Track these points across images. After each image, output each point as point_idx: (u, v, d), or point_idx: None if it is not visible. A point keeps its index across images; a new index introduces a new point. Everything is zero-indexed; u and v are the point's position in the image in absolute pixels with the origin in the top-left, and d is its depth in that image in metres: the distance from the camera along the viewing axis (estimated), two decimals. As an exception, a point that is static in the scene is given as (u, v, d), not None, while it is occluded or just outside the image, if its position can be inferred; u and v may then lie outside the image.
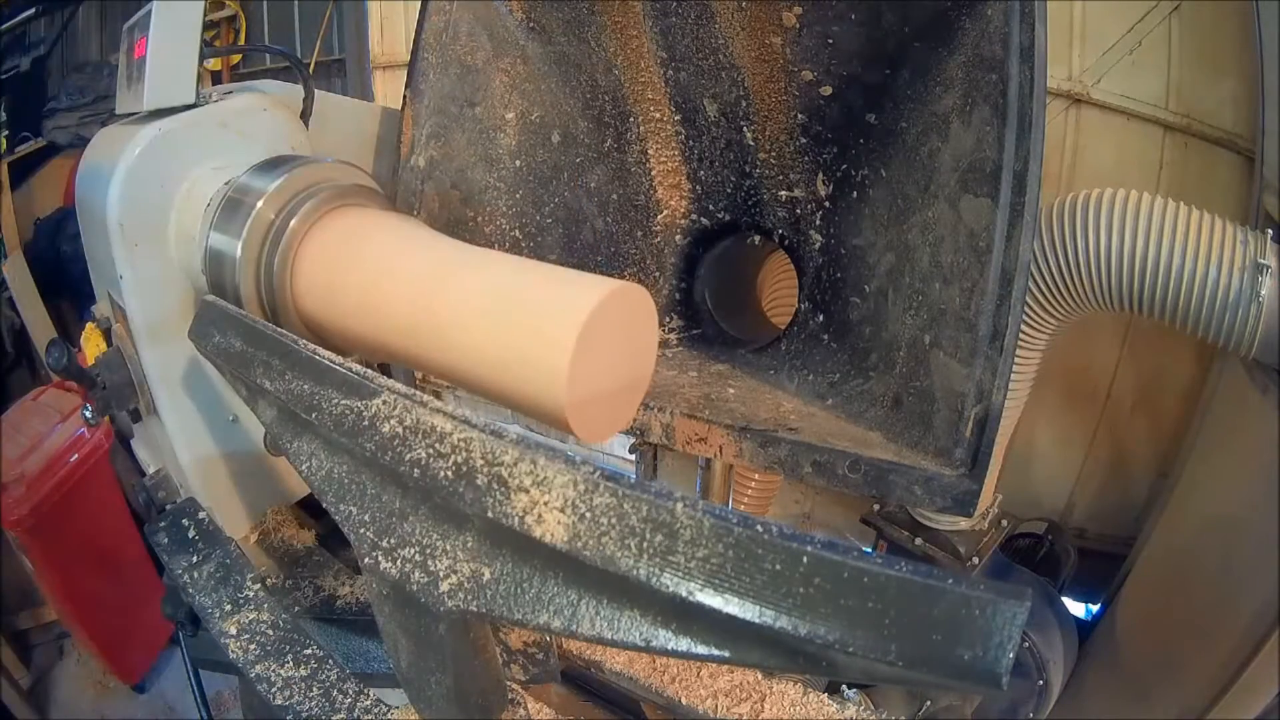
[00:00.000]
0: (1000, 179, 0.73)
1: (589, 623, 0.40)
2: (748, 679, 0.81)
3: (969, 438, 0.76)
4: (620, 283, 0.55)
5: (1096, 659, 1.77)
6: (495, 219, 1.04)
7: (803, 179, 1.04)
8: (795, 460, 0.81)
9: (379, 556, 0.51)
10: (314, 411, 0.54)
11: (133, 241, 0.85)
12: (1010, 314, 0.73)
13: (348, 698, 0.72)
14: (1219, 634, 1.38)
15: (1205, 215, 1.29)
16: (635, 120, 1.10)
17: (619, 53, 1.04)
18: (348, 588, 0.97)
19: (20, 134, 3.59)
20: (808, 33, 0.90)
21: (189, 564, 0.88)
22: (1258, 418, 1.38)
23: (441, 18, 0.98)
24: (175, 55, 0.88)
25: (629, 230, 1.15)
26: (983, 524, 1.66)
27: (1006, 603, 0.30)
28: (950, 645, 0.30)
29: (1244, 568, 1.35)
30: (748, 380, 1.01)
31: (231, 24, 3.59)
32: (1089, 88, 1.84)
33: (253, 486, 1.04)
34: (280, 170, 0.82)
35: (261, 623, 0.80)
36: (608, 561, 0.36)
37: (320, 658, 0.76)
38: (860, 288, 0.94)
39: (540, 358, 0.53)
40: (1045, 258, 1.36)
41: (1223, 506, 1.54)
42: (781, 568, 0.33)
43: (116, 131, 0.93)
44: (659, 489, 0.36)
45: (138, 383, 0.94)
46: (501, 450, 0.41)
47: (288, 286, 0.79)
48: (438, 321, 0.62)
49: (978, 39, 0.75)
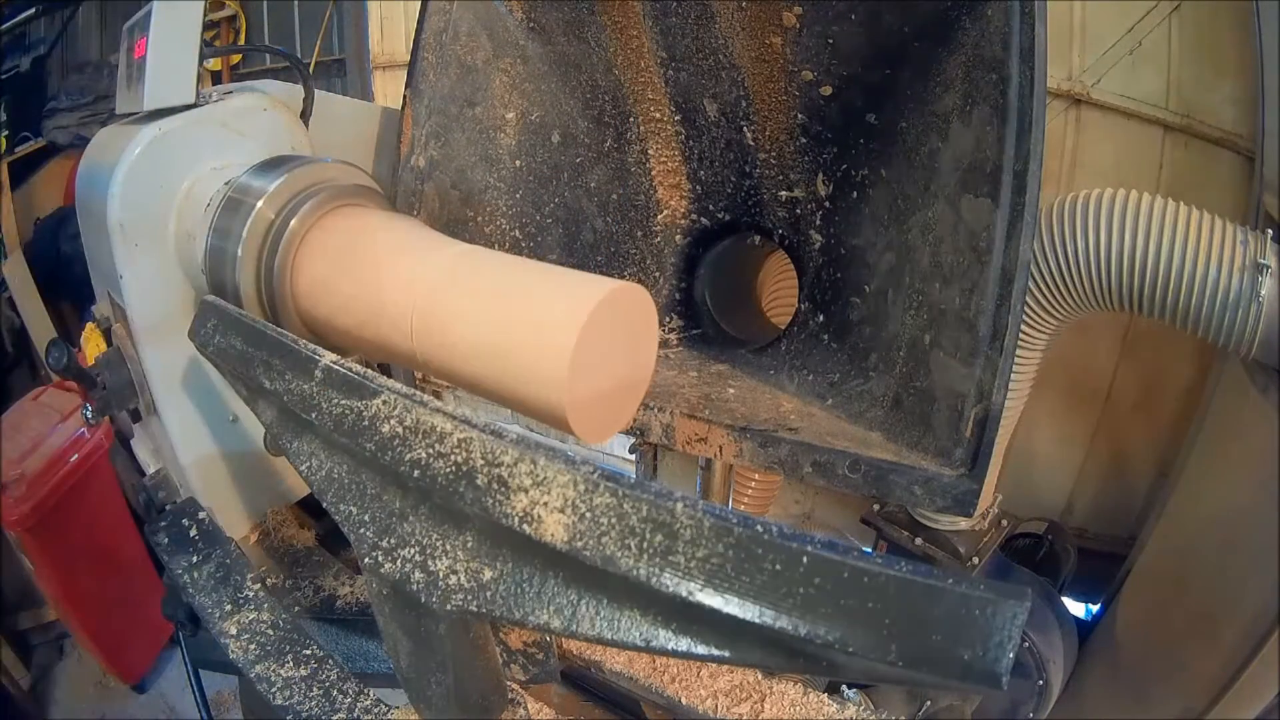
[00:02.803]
0: (1000, 179, 0.73)
1: (589, 623, 0.40)
2: (748, 679, 0.81)
3: (969, 438, 0.75)
4: (621, 283, 0.55)
5: (1096, 659, 1.77)
6: (495, 219, 1.04)
7: (803, 179, 1.04)
8: (795, 460, 0.81)
9: (379, 556, 0.51)
10: (314, 411, 0.54)
11: (133, 241, 0.85)
12: (1010, 314, 0.73)
13: (348, 698, 0.72)
14: (1219, 634, 1.38)
15: (1205, 215, 1.29)
16: (635, 120, 1.10)
17: (619, 53, 1.04)
18: (348, 588, 0.97)
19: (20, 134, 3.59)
20: (808, 33, 0.90)
21: (189, 564, 0.88)
22: (1258, 418, 1.38)
23: (441, 18, 0.98)
24: (175, 55, 0.88)
25: (629, 230, 1.15)
26: (983, 524, 1.66)
27: (1006, 603, 0.30)
28: (950, 645, 0.30)
29: (1244, 568, 1.35)
30: (748, 380, 1.01)
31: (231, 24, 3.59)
32: (1089, 88, 1.84)
33: (253, 486, 1.04)
34: (280, 170, 0.82)
35: (261, 623, 0.80)
36: (608, 561, 0.36)
37: (320, 658, 0.76)
38: (860, 288, 0.94)
39: (541, 357, 0.53)
40: (1045, 258, 1.36)
41: (1223, 506, 1.53)
42: (781, 568, 0.33)
43: (116, 131, 0.93)
44: (659, 489, 0.36)
45: (138, 383, 0.94)
46: (501, 450, 0.41)
47: (288, 286, 0.79)
48: (438, 322, 0.62)
49: (978, 39, 0.75)
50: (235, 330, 0.65)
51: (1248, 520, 1.38)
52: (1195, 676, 1.42)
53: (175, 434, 0.95)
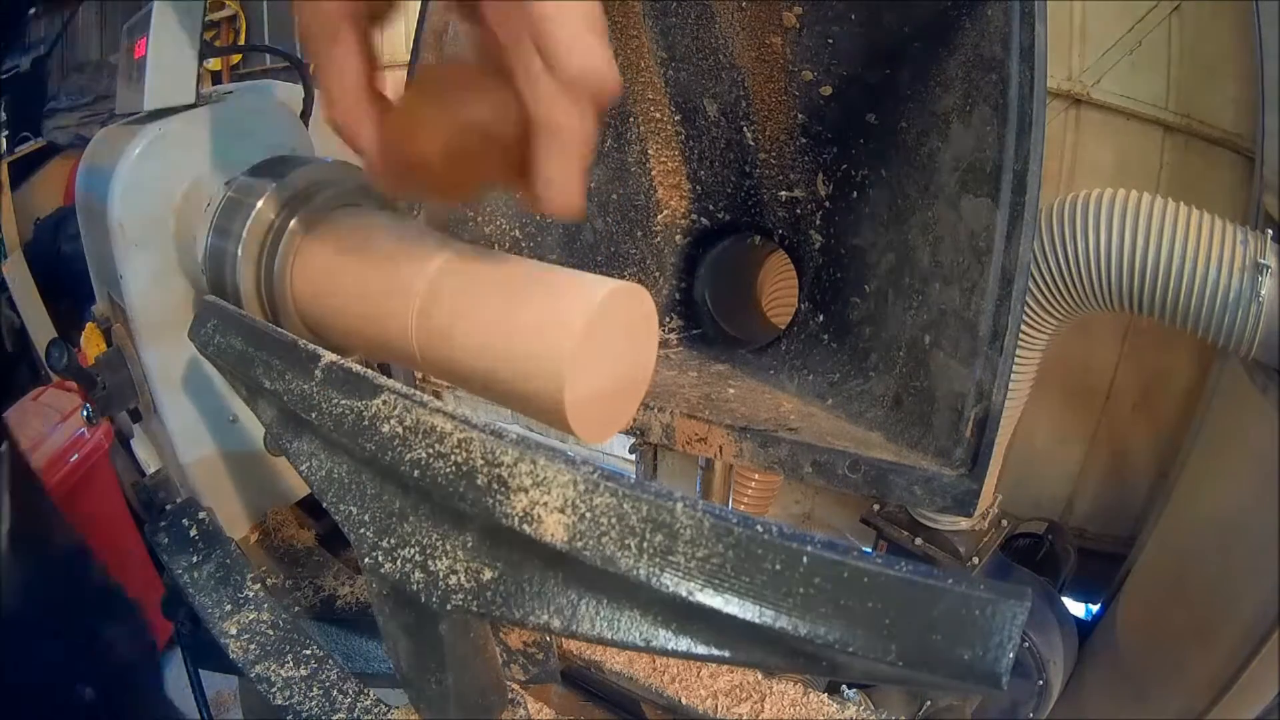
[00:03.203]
0: (1000, 179, 0.73)
1: (589, 623, 0.40)
2: (748, 679, 0.81)
3: (969, 438, 0.75)
4: (621, 282, 0.55)
5: (1096, 659, 1.77)
6: (495, 219, 1.03)
7: (803, 179, 1.04)
8: (795, 460, 0.81)
9: (379, 556, 0.51)
10: (314, 411, 0.54)
11: (133, 241, 0.85)
12: (1010, 314, 0.73)
13: (348, 698, 0.72)
14: (1219, 634, 1.38)
15: (1205, 215, 1.29)
16: (635, 120, 1.10)
17: (619, 53, 1.04)
18: (348, 588, 0.97)
19: (20, 134, 3.59)
20: (808, 33, 0.90)
21: (189, 564, 0.88)
22: (1258, 418, 1.38)
23: (441, 18, 0.97)
24: (175, 55, 0.88)
25: (629, 230, 1.15)
26: (983, 524, 1.66)
27: (1007, 603, 0.30)
28: (950, 645, 0.30)
29: (1244, 568, 1.35)
30: (748, 380, 1.01)
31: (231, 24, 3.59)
32: (1089, 88, 1.84)
33: (253, 486, 1.04)
34: (280, 170, 0.82)
35: (261, 623, 0.80)
36: (608, 562, 0.36)
37: (320, 658, 0.76)
38: (860, 288, 0.94)
39: (541, 357, 0.53)
40: (1045, 258, 1.36)
41: (1223, 506, 1.54)
42: (781, 568, 0.33)
43: (116, 131, 0.93)
44: (659, 489, 0.36)
45: (138, 383, 0.94)
46: (501, 450, 0.41)
47: (288, 286, 0.79)
48: (439, 321, 0.61)
49: (978, 39, 0.75)
50: (235, 330, 0.65)
51: (1248, 520, 1.38)
52: (1195, 676, 1.42)
53: (175, 434, 0.95)
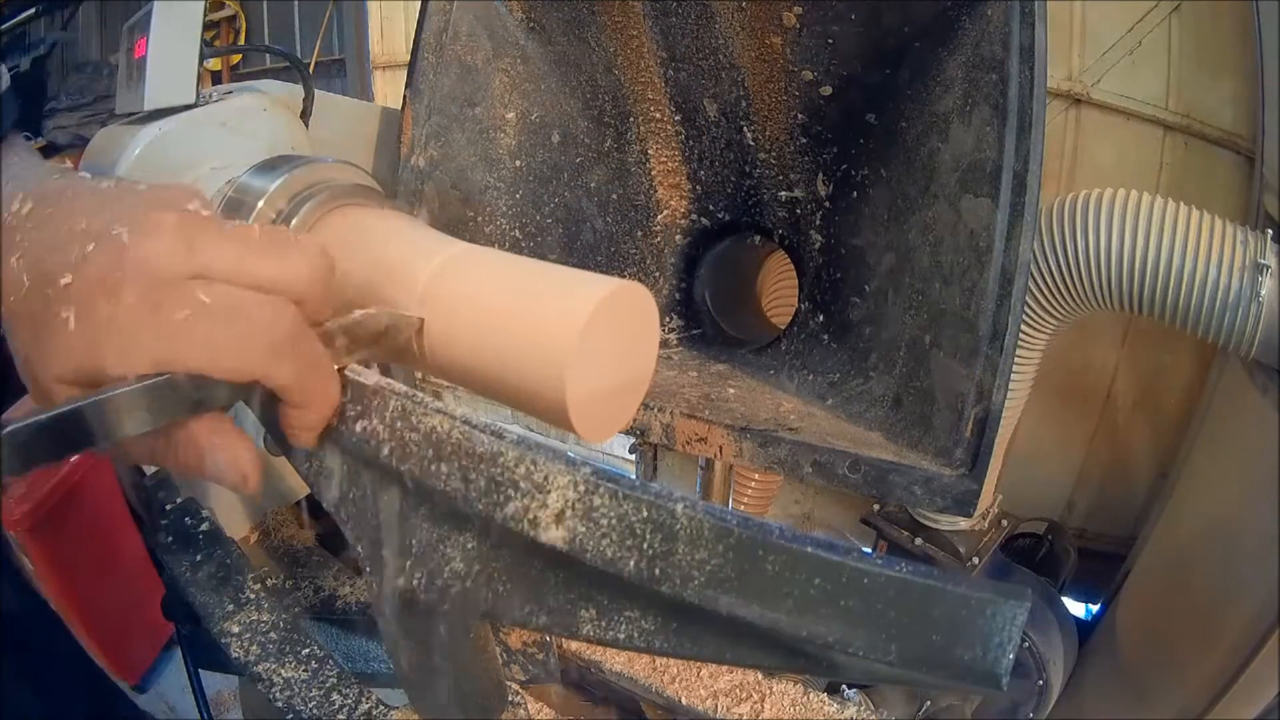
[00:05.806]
0: (1000, 179, 0.73)
1: (589, 623, 0.40)
2: (748, 679, 0.81)
3: (969, 438, 0.75)
4: (622, 281, 0.55)
5: (1096, 659, 1.77)
6: (495, 219, 1.03)
7: (803, 179, 1.04)
8: (795, 460, 0.81)
9: (379, 557, 0.51)
10: (314, 412, 0.54)
11: (133, 241, 0.85)
12: (1010, 314, 0.73)
13: (348, 698, 0.72)
14: (1219, 634, 1.38)
15: (1205, 215, 1.29)
16: (635, 120, 1.10)
17: (619, 53, 1.04)
18: (348, 588, 0.97)
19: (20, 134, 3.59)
20: (808, 33, 0.90)
21: (189, 564, 0.88)
22: (1258, 418, 1.38)
23: (441, 18, 0.97)
24: (175, 55, 0.88)
25: (629, 230, 1.15)
26: (983, 524, 1.66)
27: (1007, 603, 0.30)
28: (950, 645, 0.30)
29: (1244, 568, 1.35)
30: (748, 380, 1.01)
31: (231, 24, 3.59)
32: (1089, 88, 1.84)
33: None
34: (280, 170, 0.82)
35: (262, 623, 0.80)
36: (608, 563, 0.36)
37: (321, 658, 0.76)
38: (860, 288, 0.94)
39: (543, 356, 0.53)
40: (1045, 258, 1.36)
41: (1223, 506, 1.54)
42: (781, 568, 0.33)
43: (116, 131, 0.93)
44: (659, 490, 0.36)
45: (138, 383, 0.94)
46: (501, 450, 0.41)
47: (288, 286, 0.79)
48: (439, 321, 0.61)
49: (978, 39, 0.75)
50: (235, 330, 0.65)
51: (1248, 520, 1.38)
52: (1195, 676, 1.42)
53: (175, 434, 0.95)
